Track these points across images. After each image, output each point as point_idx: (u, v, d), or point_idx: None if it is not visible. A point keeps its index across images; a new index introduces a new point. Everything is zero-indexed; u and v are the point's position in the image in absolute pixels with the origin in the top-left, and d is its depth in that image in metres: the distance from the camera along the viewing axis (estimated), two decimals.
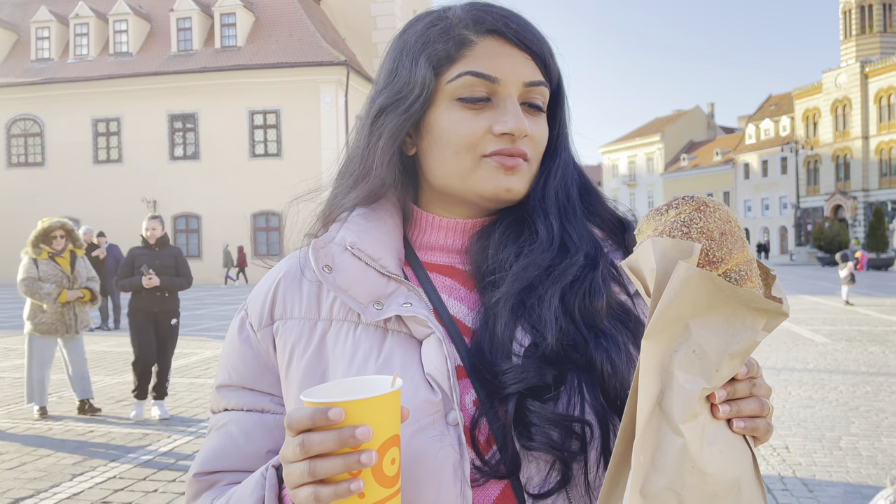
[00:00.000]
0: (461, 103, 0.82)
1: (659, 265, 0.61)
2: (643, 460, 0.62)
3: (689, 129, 75.59)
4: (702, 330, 0.62)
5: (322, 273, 0.82)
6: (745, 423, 0.66)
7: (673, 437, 0.62)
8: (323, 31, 30.13)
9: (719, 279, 0.61)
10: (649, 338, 0.62)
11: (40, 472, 4.84)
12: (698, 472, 0.62)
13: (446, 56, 0.83)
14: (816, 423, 5.91)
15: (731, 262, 0.64)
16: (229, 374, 0.88)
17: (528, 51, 0.83)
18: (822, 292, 19.94)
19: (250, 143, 28.79)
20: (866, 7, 53.87)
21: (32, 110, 30.44)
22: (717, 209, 0.65)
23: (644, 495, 0.62)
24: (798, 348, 9.94)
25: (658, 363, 0.63)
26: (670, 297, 0.61)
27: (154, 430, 5.92)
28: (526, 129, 0.82)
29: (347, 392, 0.67)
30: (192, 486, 0.86)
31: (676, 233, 0.64)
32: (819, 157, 55.70)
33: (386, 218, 0.88)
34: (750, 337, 0.63)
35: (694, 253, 0.61)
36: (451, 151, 0.83)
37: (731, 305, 0.62)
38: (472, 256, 0.86)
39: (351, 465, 0.62)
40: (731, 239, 0.64)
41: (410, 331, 0.80)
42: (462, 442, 0.74)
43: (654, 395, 0.63)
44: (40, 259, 6.41)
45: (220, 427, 0.86)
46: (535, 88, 0.84)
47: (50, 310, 6.34)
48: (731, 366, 0.64)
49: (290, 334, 0.84)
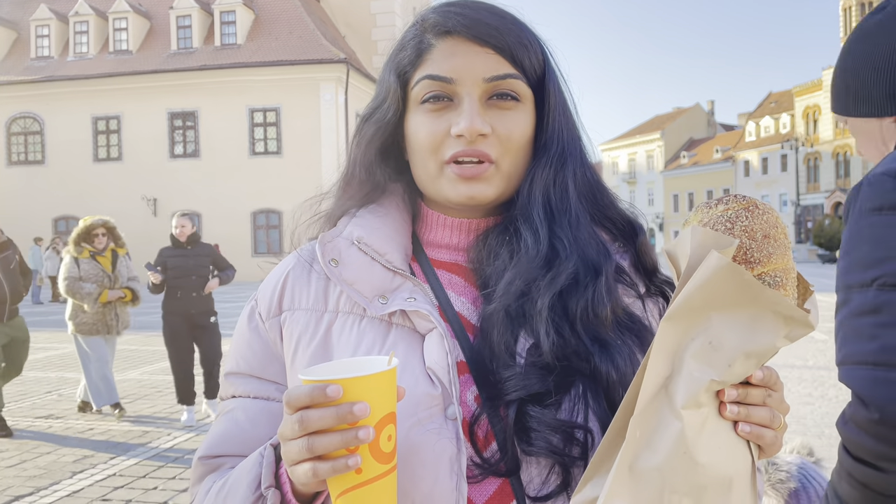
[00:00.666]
0: (424, 107, 0.83)
1: (693, 252, 0.62)
2: (639, 436, 0.63)
3: (690, 126, 75.54)
4: (723, 324, 0.62)
5: (328, 266, 0.84)
6: (752, 429, 0.66)
7: (672, 420, 0.63)
8: (323, 28, 30.09)
9: (749, 276, 0.61)
10: (669, 320, 0.62)
11: (40, 469, 4.84)
12: (690, 460, 0.62)
13: (409, 63, 0.84)
14: (816, 420, 5.92)
15: (769, 266, 0.64)
16: (238, 362, 0.90)
17: (488, 45, 0.82)
18: (822, 289, 19.85)
19: (250, 140, 28.77)
20: (866, 4, 53.80)
21: (32, 108, 30.41)
22: (766, 212, 0.65)
23: (632, 470, 0.63)
24: (797, 345, 9.95)
25: (673, 347, 0.63)
26: (697, 284, 0.61)
27: (154, 427, 5.92)
28: (479, 129, 0.80)
29: (345, 371, 0.69)
30: (197, 469, 0.87)
31: (720, 227, 0.64)
32: (819, 154, 55.68)
33: (394, 214, 0.89)
34: (770, 341, 0.63)
35: (731, 247, 0.62)
36: (420, 157, 0.84)
37: (757, 306, 0.62)
38: (473, 257, 0.87)
39: (349, 440, 0.64)
40: (773, 243, 0.64)
41: (414, 325, 0.81)
42: (460, 436, 0.75)
43: (662, 377, 0.63)
44: (81, 258, 6.23)
45: (227, 413, 0.88)
46: (502, 82, 0.82)
47: (90, 310, 6.20)
48: (746, 365, 0.63)
49: (297, 325, 0.86)
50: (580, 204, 0.85)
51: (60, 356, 9.87)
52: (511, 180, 0.84)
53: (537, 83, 0.85)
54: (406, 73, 0.85)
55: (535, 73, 0.84)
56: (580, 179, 0.86)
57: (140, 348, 10.53)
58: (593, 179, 0.88)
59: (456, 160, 0.81)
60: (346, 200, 0.91)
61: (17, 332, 6.05)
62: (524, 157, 0.85)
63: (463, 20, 0.82)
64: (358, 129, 0.90)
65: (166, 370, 8.61)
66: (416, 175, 0.87)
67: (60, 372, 8.62)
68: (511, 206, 0.86)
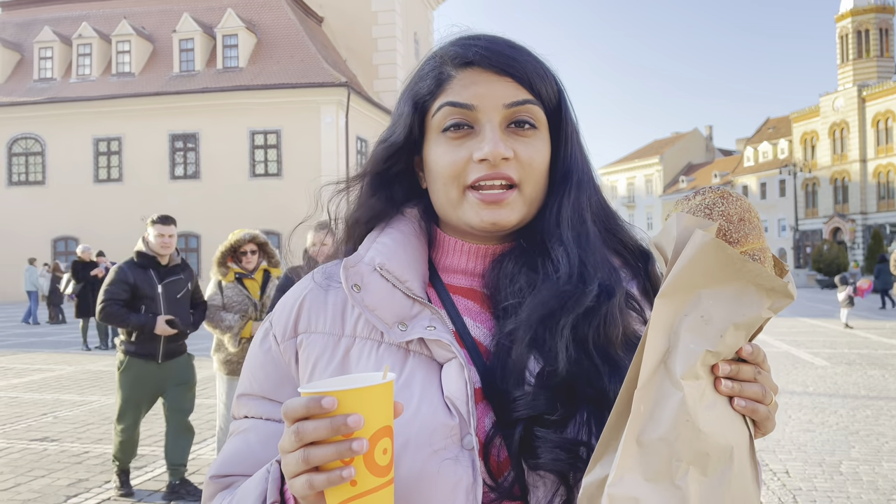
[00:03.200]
0: (445, 135, 0.85)
1: (679, 235, 0.67)
2: (643, 410, 0.66)
3: (688, 151, 75.94)
4: (711, 299, 0.67)
5: (351, 292, 0.85)
6: (746, 403, 0.69)
7: (673, 391, 0.66)
8: (324, 52, 30.36)
9: (732, 250, 0.66)
10: (662, 297, 0.66)
11: (34, 493, 4.79)
12: (692, 427, 0.66)
13: (428, 92, 0.86)
14: (817, 448, 5.87)
15: (747, 246, 0.69)
16: (251, 383, 0.91)
17: (507, 74, 0.84)
18: (822, 315, 19.90)
19: (251, 162, 28.89)
20: (863, 32, 54.39)
21: (34, 129, 30.57)
22: (739, 199, 0.70)
23: (640, 443, 0.66)
24: (798, 371, 9.90)
25: (668, 323, 0.67)
26: (685, 261, 0.65)
27: (150, 451, 5.87)
28: (502, 152, 0.82)
29: (343, 384, 0.70)
30: (208, 488, 0.89)
31: (700, 214, 0.69)
32: (817, 179, 55.91)
33: (413, 240, 0.90)
34: (756, 311, 0.67)
35: (712, 227, 0.67)
36: (441, 184, 0.86)
37: (741, 280, 0.67)
38: (489, 282, 0.88)
39: (343, 452, 0.65)
40: (748, 225, 0.69)
41: (432, 353, 0.82)
42: (476, 466, 0.76)
43: (661, 352, 0.67)
44: (226, 282, 4.86)
45: (240, 433, 0.90)
46: (521, 107, 0.84)
47: (233, 348, 4.72)
48: (737, 336, 0.68)
49: (314, 348, 0.87)
50: (595, 229, 0.88)
51: (57, 378, 9.81)
52: (531, 206, 0.86)
53: (552, 112, 0.88)
54: (425, 102, 0.87)
55: (551, 102, 0.87)
56: (594, 206, 0.89)
57: None
58: (605, 205, 0.91)
59: (479, 184, 0.83)
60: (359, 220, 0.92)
61: (177, 375, 4.73)
62: (543, 183, 0.87)
63: (482, 51, 0.84)
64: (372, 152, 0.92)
65: None
66: (436, 202, 0.88)
67: (56, 394, 8.56)
68: (525, 233, 0.88)
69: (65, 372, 10.35)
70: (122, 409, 4.71)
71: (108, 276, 4.73)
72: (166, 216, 4.82)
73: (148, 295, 4.64)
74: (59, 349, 13.26)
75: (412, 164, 0.91)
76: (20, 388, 8.90)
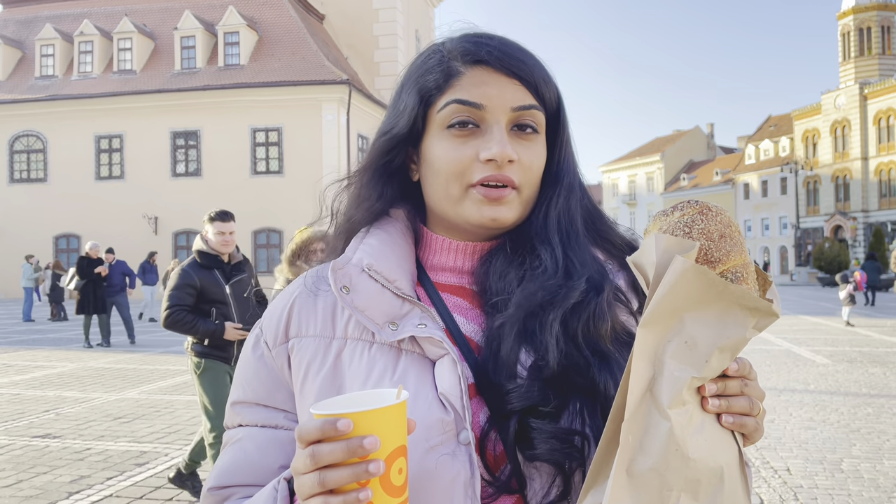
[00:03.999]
0: (450, 132, 0.85)
1: (659, 259, 0.66)
2: (631, 441, 0.66)
3: (689, 148, 75.86)
4: (695, 323, 0.66)
5: (340, 293, 0.85)
6: (734, 419, 0.69)
7: (660, 421, 0.65)
8: (325, 50, 30.35)
9: (713, 274, 0.65)
10: (645, 326, 0.66)
11: (36, 489, 4.80)
12: (682, 456, 0.65)
13: (435, 86, 0.86)
14: (818, 445, 5.87)
15: (729, 264, 0.68)
16: (244, 390, 0.90)
17: (516, 77, 0.85)
18: (823, 313, 19.89)
19: (252, 160, 28.90)
20: (865, 30, 54.29)
21: (36, 127, 30.60)
22: (719, 214, 0.69)
23: (630, 474, 0.66)
24: (799, 369, 9.91)
25: (652, 351, 0.66)
26: (666, 289, 0.65)
27: (152, 447, 5.88)
28: (510, 154, 0.83)
29: (355, 404, 0.69)
30: (206, 500, 0.88)
31: (679, 232, 0.68)
32: (819, 177, 55.85)
33: (399, 240, 0.90)
34: (740, 333, 0.67)
35: (693, 250, 0.66)
36: (442, 179, 0.86)
37: (723, 302, 0.66)
38: (478, 278, 0.89)
39: (359, 474, 0.64)
40: (729, 242, 0.69)
41: (424, 351, 0.82)
42: (473, 461, 0.76)
43: (646, 380, 0.66)
44: None
45: (235, 442, 0.89)
46: (526, 112, 0.85)
47: None
48: (721, 359, 0.67)
49: (306, 352, 0.86)
50: (583, 228, 0.90)
51: (59, 374, 9.83)
52: (527, 207, 0.88)
53: (551, 117, 0.89)
54: (431, 96, 0.87)
55: (552, 107, 0.89)
56: (584, 207, 0.92)
57: (139, 367, 10.50)
58: (592, 206, 0.94)
59: (483, 184, 0.84)
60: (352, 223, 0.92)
61: None
62: (538, 185, 0.89)
63: (494, 51, 0.85)
64: (373, 145, 0.92)
65: (165, 389, 8.59)
66: (432, 196, 0.88)
67: (58, 391, 8.58)
68: (513, 231, 0.89)
69: (66, 369, 10.37)
70: (214, 412, 4.25)
71: (172, 280, 4.46)
72: (225, 212, 4.57)
73: (217, 297, 4.46)
74: (60, 346, 13.28)
75: (407, 158, 0.91)
76: (22, 385, 8.92)
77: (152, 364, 10.82)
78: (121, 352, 12.32)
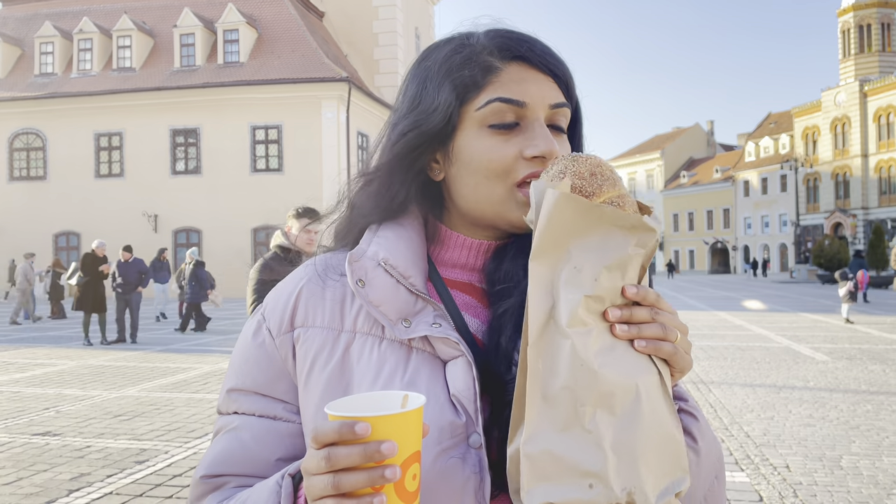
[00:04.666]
0: (491, 130, 0.83)
1: (536, 200, 0.71)
2: (541, 367, 0.68)
3: (689, 146, 75.86)
4: (579, 250, 0.70)
5: (356, 287, 0.82)
6: (647, 343, 0.71)
7: (562, 341, 0.68)
8: (325, 47, 30.33)
9: (583, 199, 0.70)
10: (534, 259, 0.70)
11: (36, 487, 4.81)
12: (589, 370, 0.68)
13: (473, 83, 0.83)
14: (817, 442, 5.88)
15: (603, 196, 0.72)
16: (242, 378, 0.87)
17: (551, 74, 0.85)
18: (823, 310, 19.90)
19: (252, 158, 28.89)
20: (865, 27, 54.25)
21: (35, 124, 30.58)
22: (589, 158, 0.74)
23: (545, 398, 0.68)
24: (798, 366, 9.91)
25: (548, 282, 0.70)
26: (546, 220, 0.69)
27: (152, 445, 5.89)
28: (556, 151, 0.82)
29: (369, 406, 0.68)
30: (197, 487, 0.85)
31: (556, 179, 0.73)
32: (818, 174, 55.85)
33: (413, 235, 0.88)
34: (623, 251, 0.71)
35: (563, 184, 0.71)
36: (482, 178, 0.83)
37: (603, 226, 0.71)
38: (488, 275, 0.87)
39: (375, 479, 0.63)
40: (600, 178, 0.73)
41: (435, 350, 0.80)
42: (483, 465, 0.75)
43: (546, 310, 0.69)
44: None
45: (230, 430, 0.86)
46: (560, 110, 0.85)
47: None
48: (612, 278, 0.71)
49: (313, 343, 0.84)
50: None
51: (59, 372, 9.84)
52: None
53: (573, 114, 0.90)
54: (468, 92, 0.84)
55: (574, 106, 0.89)
56: None
57: (139, 365, 10.50)
58: None
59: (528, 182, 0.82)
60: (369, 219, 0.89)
61: None
62: None
63: (531, 47, 0.84)
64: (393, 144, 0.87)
65: (165, 387, 8.60)
66: (466, 197, 0.86)
67: (58, 388, 8.58)
68: None
69: (66, 366, 10.38)
70: None
71: (254, 274, 4.23)
72: (313, 209, 4.34)
73: None
74: (60, 344, 13.28)
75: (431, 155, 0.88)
76: (22, 383, 8.92)
77: (152, 362, 10.83)
78: (121, 350, 12.33)
